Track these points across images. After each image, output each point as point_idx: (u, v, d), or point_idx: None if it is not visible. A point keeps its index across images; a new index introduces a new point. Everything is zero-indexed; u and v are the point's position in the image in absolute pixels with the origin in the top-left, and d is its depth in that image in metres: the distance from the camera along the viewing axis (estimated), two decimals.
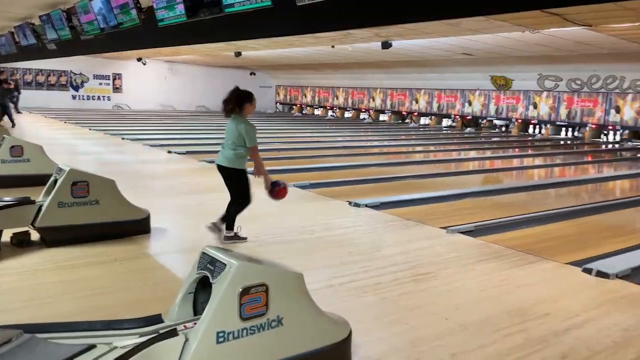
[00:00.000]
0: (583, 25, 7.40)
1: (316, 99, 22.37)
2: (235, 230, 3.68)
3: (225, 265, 1.76)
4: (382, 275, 3.12)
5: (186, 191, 5.67)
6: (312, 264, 3.27)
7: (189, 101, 22.47)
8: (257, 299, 1.74)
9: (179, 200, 5.27)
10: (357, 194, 5.49)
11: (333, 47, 12.17)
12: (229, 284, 1.70)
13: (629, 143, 13.05)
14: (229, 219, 3.62)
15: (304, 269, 2.12)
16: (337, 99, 21.46)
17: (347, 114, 21.04)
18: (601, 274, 3.16)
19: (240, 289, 1.71)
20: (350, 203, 5.07)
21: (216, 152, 3.87)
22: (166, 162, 7.96)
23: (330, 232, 4.12)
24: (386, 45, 10.26)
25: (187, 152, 8.48)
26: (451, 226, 4.23)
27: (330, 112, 21.51)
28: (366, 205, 4.96)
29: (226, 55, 16.22)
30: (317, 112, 22.19)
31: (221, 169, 3.63)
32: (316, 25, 5.37)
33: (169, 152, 8.67)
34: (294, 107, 23.36)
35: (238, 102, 3.57)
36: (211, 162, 5.90)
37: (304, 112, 22.77)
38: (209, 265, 1.81)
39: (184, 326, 1.75)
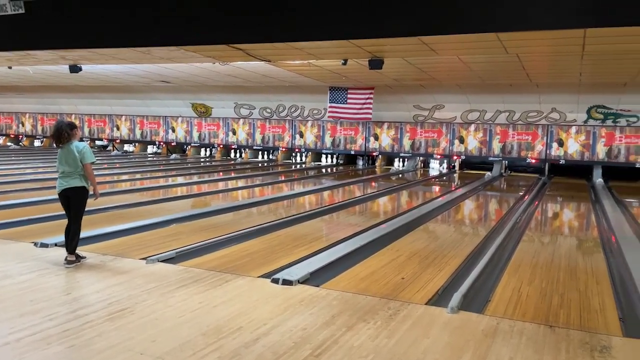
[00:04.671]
0: (265, 60, 8.27)
1: None
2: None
3: None
4: (70, 320, 2.83)
5: None
6: None
7: None
8: None
9: None
10: (46, 232, 4.90)
11: (10, 68, 10.70)
12: None
13: (313, 163, 15.18)
14: (76, 241, 3.99)
15: None
16: (22, 125, 18.92)
17: (37, 142, 18.75)
18: (286, 282, 3.55)
19: None
20: (36, 244, 4.49)
21: None
22: None
23: (8, 280, 3.56)
24: (75, 69, 9.54)
25: None
26: (152, 255, 4.15)
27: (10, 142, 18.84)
28: (55, 244, 4.47)
29: None
30: None
31: (66, 192, 4.07)
32: None
33: None
34: None
35: (69, 129, 4.17)
36: None
37: None
38: None
39: None
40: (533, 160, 13.12)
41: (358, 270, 4.04)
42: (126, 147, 17.82)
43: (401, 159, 14.79)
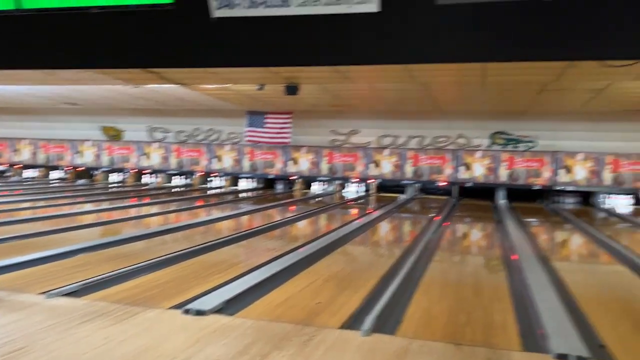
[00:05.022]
0: (179, 84, 8.14)
1: None
2: None
3: None
4: None
5: None
6: None
7: None
8: None
9: None
10: None
11: None
12: None
13: (231, 188, 15.02)
14: None
15: None
16: None
17: None
18: (198, 312, 3.44)
19: None
20: None
21: None
22: None
23: None
24: None
25: None
26: (53, 289, 3.88)
27: None
28: None
29: None
30: None
31: None
32: None
33: None
34: None
35: None
36: None
37: None
38: None
39: None
40: (443, 183, 13.79)
41: (274, 296, 4.01)
42: (29, 172, 16.67)
43: (319, 183, 15.01)
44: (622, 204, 12.76)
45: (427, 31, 4.20)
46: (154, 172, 15.75)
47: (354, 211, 11.28)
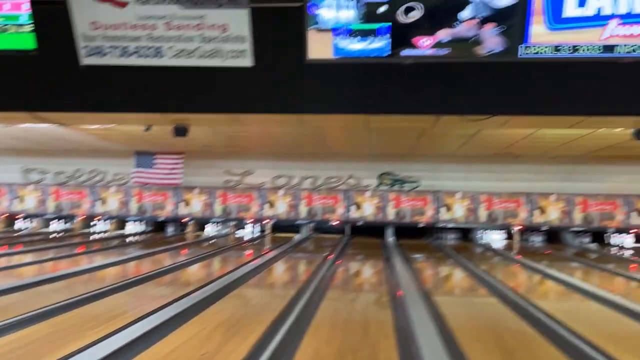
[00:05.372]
0: (58, 124, 7.71)
1: None
2: None
3: None
4: None
5: None
6: None
7: None
8: None
9: None
10: None
11: None
12: None
13: (117, 232, 14.22)
14: None
15: None
16: None
17: None
18: None
19: None
20: None
21: None
22: None
23: None
24: None
25: None
26: None
27: None
28: None
29: None
30: None
31: None
32: None
33: None
34: None
35: None
36: None
37: None
38: None
39: None
40: (336, 222, 14.17)
41: (159, 348, 3.84)
42: None
43: (213, 225, 14.72)
44: (496, 239, 13.95)
45: (297, 85, 4.47)
46: (29, 216, 14.49)
47: (249, 252, 11.18)
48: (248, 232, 14.75)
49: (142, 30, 4.65)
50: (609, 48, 4.92)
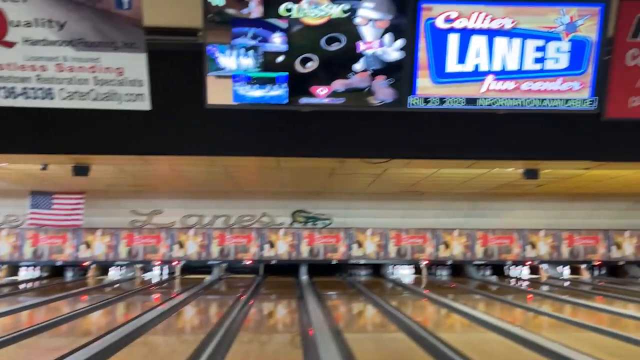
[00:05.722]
0: None
1: None
2: None
3: None
4: None
5: None
6: None
7: None
8: None
9: None
10: None
11: None
12: None
13: (7, 278, 13.07)
14: None
15: None
16: None
17: None
18: None
19: None
20: None
21: None
22: None
23: None
24: None
25: None
26: None
27: None
28: None
29: None
30: None
31: None
32: None
33: None
34: None
35: None
36: None
37: None
38: None
39: None
40: (249, 262, 13.95)
41: None
42: None
43: (117, 268, 13.95)
44: (405, 274, 14.39)
45: (200, 128, 4.49)
46: None
47: (157, 296, 10.67)
48: (156, 274, 14.11)
49: (30, 71, 4.49)
50: (472, 101, 5.43)
